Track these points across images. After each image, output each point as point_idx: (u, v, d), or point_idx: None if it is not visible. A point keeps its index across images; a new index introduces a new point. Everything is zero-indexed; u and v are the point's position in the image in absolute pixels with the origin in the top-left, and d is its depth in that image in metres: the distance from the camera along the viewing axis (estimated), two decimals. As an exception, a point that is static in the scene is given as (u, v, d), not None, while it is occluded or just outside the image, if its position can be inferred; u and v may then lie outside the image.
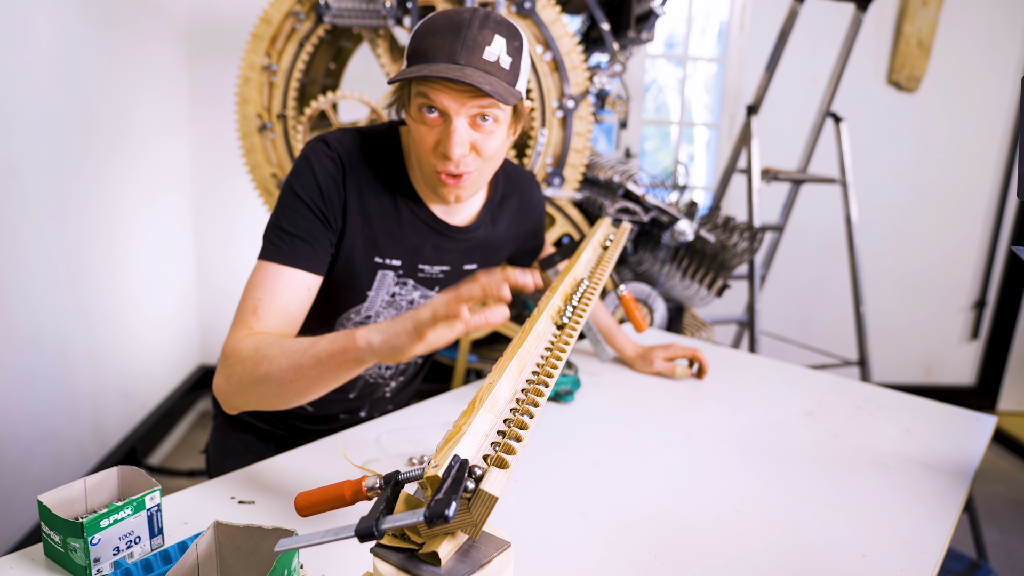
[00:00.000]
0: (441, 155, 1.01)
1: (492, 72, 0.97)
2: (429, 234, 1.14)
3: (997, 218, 3.68)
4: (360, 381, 1.26)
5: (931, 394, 1.77)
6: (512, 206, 1.26)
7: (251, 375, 0.91)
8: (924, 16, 3.37)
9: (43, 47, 2.06)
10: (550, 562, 0.87)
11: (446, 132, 0.99)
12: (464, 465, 0.57)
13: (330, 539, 0.57)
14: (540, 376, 0.76)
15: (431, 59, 0.97)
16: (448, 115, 0.98)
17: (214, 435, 1.34)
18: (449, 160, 1.00)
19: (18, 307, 2.01)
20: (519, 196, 1.27)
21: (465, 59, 0.96)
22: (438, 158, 1.01)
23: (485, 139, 1.01)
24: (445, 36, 0.97)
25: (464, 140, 0.99)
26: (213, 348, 3.37)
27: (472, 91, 0.96)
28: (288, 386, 0.88)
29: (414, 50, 1.00)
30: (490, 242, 1.23)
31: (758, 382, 1.54)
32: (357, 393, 1.28)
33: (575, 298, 0.99)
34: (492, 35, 0.98)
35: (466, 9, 0.99)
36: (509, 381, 0.73)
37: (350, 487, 0.67)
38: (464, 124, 0.99)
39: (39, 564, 0.80)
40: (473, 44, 0.96)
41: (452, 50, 0.96)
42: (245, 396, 0.93)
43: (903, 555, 0.92)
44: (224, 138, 2.99)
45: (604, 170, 2.15)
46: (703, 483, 1.09)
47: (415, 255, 1.14)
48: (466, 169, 1.02)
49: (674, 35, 3.60)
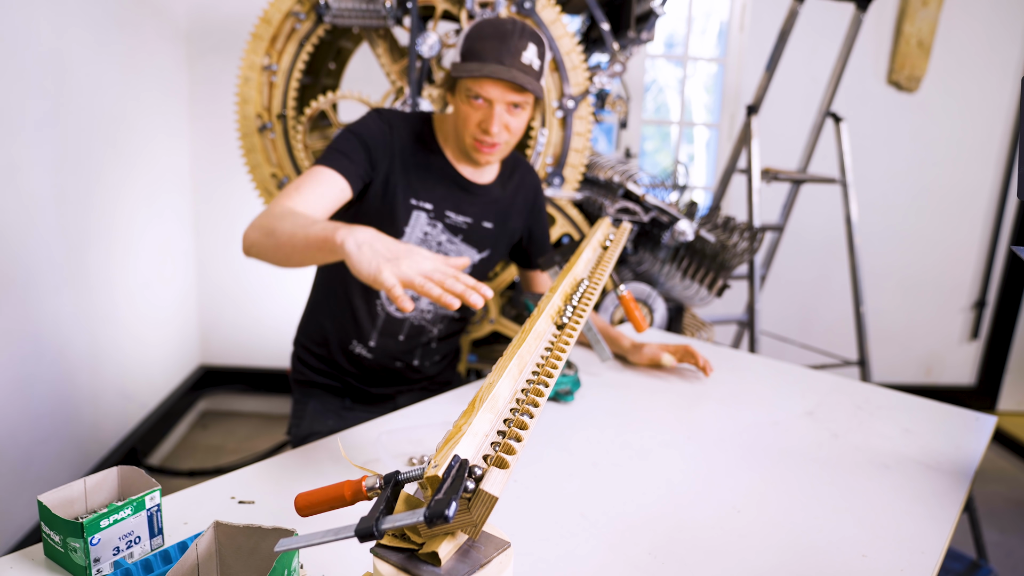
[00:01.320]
0: (482, 130, 1.36)
1: (527, 72, 1.33)
2: (455, 187, 1.46)
3: (997, 218, 3.68)
4: (407, 323, 1.51)
5: (931, 394, 1.77)
6: (516, 178, 1.58)
7: (268, 225, 1.17)
8: (924, 16, 3.37)
9: (43, 47, 2.06)
10: (550, 562, 0.87)
11: (489, 114, 1.34)
12: (464, 465, 0.57)
13: (330, 539, 0.57)
14: (540, 376, 0.76)
15: (483, 59, 1.31)
16: (491, 102, 1.34)
17: (294, 410, 1.58)
18: (489, 135, 1.36)
19: (18, 307, 2.01)
20: (520, 171, 1.60)
21: (509, 62, 1.31)
22: (480, 132, 1.37)
23: (515, 120, 1.38)
24: (494, 42, 1.31)
25: (501, 120, 1.35)
26: (213, 348, 3.37)
27: (513, 86, 1.32)
28: (283, 247, 1.13)
29: (468, 49, 1.34)
30: (502, 204, 1.53)
31: (758, 382, 1.54)
32: (405, 335, 1.53)
33: (575, 298, 0.99)
34: (528, 43, 1.33)
35: (508, 21, 1.34)
36: (509, 381, 0.73)
37: (350, 487, 0.67)
38: (502, 109, 1.35)
39: (39, 564, 0.80)
40: (515, 51, 1.31)
41: (500, 54, 1.31)
42: (260, 242, 1.18)
43: (903, 555, 0.92)
44: (224, 138, 2.99)
45: (604, 170, 2.15)
46: (703, 483, 1.09)
47: (443, 202, 1.45)
48: (499, 140, 1.38)
49: (674, 35, 3.60)
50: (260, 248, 1.19)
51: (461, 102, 1.36)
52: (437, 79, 2.05)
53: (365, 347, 1.53)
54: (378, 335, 1.52)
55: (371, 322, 1.51)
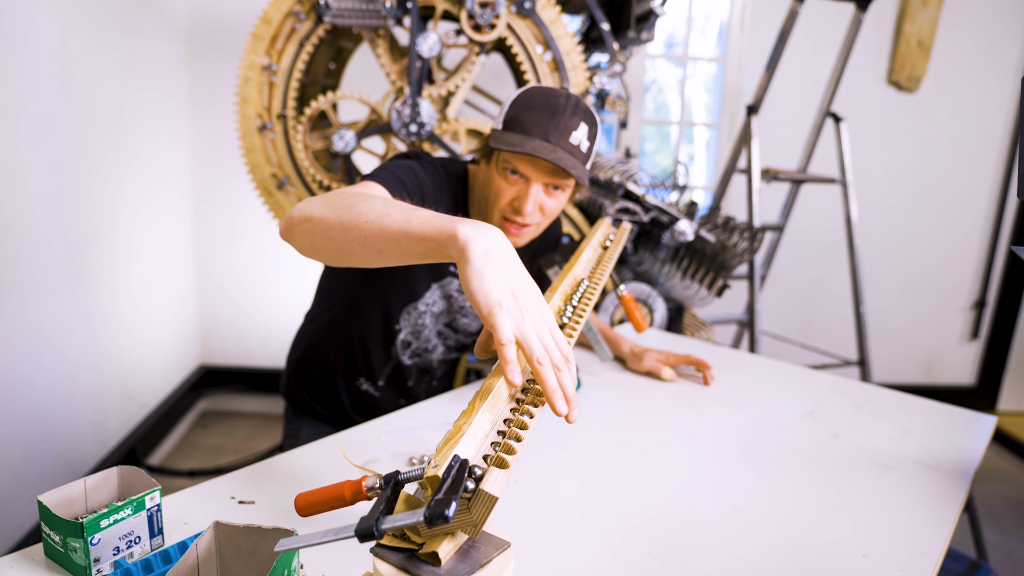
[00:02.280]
0: (514, 209, 1.23)
1: (574, 154, 1.18)
2: None
3: (997, 218, 3.68)
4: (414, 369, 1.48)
5: (931, 394, 1.77)
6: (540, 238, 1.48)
7: (339, 204, 0.86)
8: (924, 16, 3.37)
9: (44, 47, 2.06)
10: (550, 562, 0.87)
11: (524, 193, 1.21)
12: (464, 465, 0.57)
13: (330, 539, 0.57)
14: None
15: (528, 132, 1.17)
16: (529, 180, 1.20)
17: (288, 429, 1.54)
18: (521, 215, 1.22)
19: (18, 307, 2.01)
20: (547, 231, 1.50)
21: (556, 140, 1.16)
22: (510, 211, 1.23)
23: (552, 202, 1.24)
24: (543, 114, 1.17)
25: (537, 201, 1.21)
26: (213, 348, 3.37)
27: (555, 168, 1.17)
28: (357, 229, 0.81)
29: (512, 118, 1.19)
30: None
31: (758, 382, 1.54)
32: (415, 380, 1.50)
33: (575, 298, 0.99)
34: (579, 122, 1.18)
35: (562, 93, 1.20)
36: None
37: (350, 487, 0.67)
38: (539, 189, 1.21)
39: (39, 564, 0.80)
40: (564, 128, 1.17)
41: (547, 130, 1.16)
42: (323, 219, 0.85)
43: (903, 555, 0.92)
44: (224, 138, 2.99)
45: (604, 170, 2.15)
46: (703, 483, 1.09)
47: None
48: (531, 221, 1.24)
49: (674, 35, 3.60)
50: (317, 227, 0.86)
51: (496, 174, 1.23)
52: (437, 79, 2.05)
53: (373, 386, 1.48)
54: (388, 375, 1.48)
55: (383, 365, 1.46)
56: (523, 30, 1.99)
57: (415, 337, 1.44)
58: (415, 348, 1.45)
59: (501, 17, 1.95)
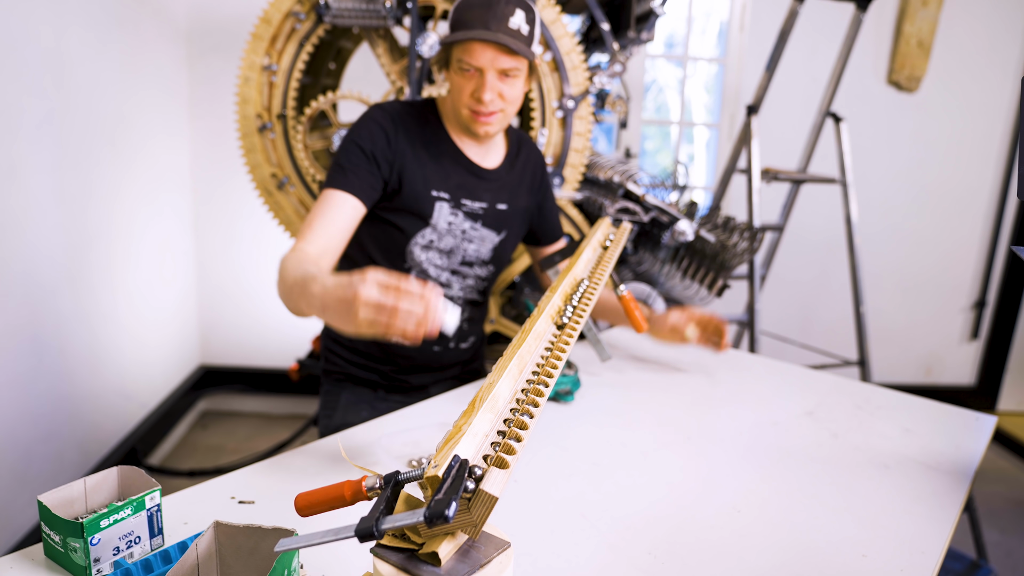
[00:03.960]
0: (476, 99, 1.35)
1: (515, 37, 1.31)
2: (467, 174, 1.47)
3: (997, 218, 3.68)
4: None
5: (931, 394, 1.77)
6: (523, 156, 1.58)
7: (281, 286, 1.16)
8: (924, 16, 3.36)
9: (43, 47, 2.06)
10: (550, 562, 0.87)
11: (480, 82, 1.33)
12: (464, 465, 0.57)
13: (330, 539, 0.57)
14: (540, 376, 0.76)
15: (469, 27, 1.30)
16: (482, 70, 1.32)
17: (324, 401, 1.59)
18: (482, 103, 1.34)
19: (18, 307, 2.00)
20: (525, 149, 1.60)
21: (496, 27, 1.29)
22: (473, 102, 1.36)
23: (509, 88, 1.36)
24: (479, 9, 1.30)
25: (494, 87, 1.33)
26: (213, 348, 3.37)
27: (501, 50, 1.30)
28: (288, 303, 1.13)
29: (455, 20, 1.33)
30: (511, 184, 1.54)
31: (758, 382, 1.54)
32: None
33: (575, 298, 0.99)
34: (514, 8, 1.31)
35: None
36: (509, 381, 0.73)
37: (350, 487, 0.67)
38: (494, 76, 1.33)
39: (39, 564, 0.80)
40: (502, 16, 1.30)
41: (486, 20, 1.30)
42: (284, 300, 1.16)
43: (903, 555, 0.92)
44: (224, 138, 2.98)
45: (604, 170, 2.15)
46: (703, 483, 1.09)
47: (459, 190, 1.45)
48: (494, 108, 1.36)
49: (674, 35, 3.60)
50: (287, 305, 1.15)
51: (454, 74, 1.36)
52: (437, 80, 2.05)
53: None
54: None
55: None
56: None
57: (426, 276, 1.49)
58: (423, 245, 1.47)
59: (501, 17, 1.95)
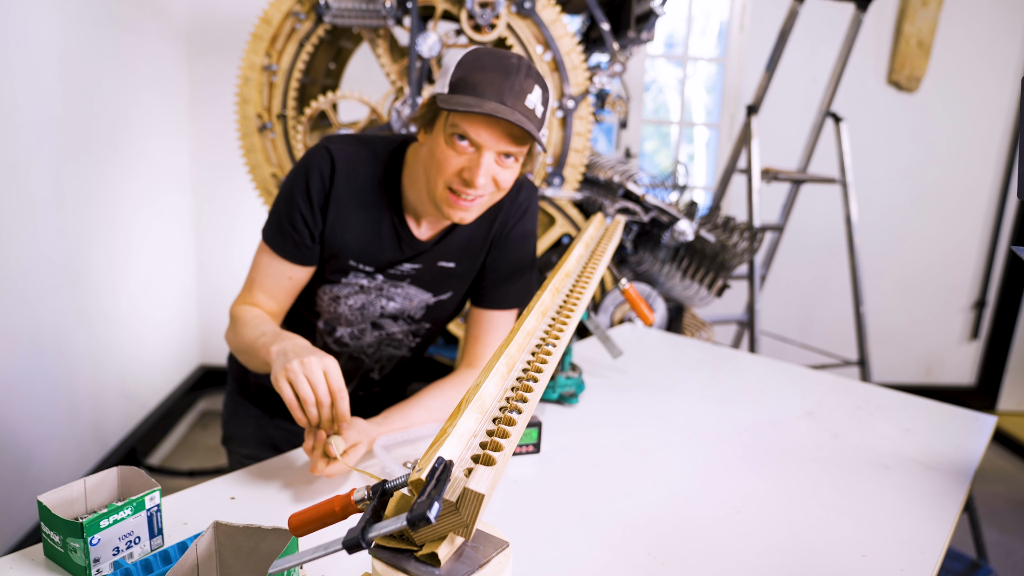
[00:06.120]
0: (464, 180, 1.09)
1: (530, 118, 1.07)
2: (404, 250, 1.24)
3: (997, 218, 3.68)
4: (343, 356, 1.37)
5: (931, 394, 1.77)
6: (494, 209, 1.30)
7: (232, 340, 1.19)
8: (924, 16, 3.36)
9: (43, 47, 2.06)
10: (550, 562, 0.87)
11: (475, 162, 1.08)
12: (448, 466, 0.57)
13: (320, 555, 0.58)
14: (529, 372, 0.76)
15: (481, 94, 1.04)
16: (480, 148, 1.07)
17: (227, 401, 1.50)
18: (472, 187, 1.09)
19: (18, 307, 2.00)
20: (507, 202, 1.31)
21: (512, 103, 1.05)
22: (459, 183, 1.10)
23: (505, 174, 1.11)
24: (496, 75, 1.05)
25: (489, 171, 1.09)
26: (213, 348, 3.37)
27: (509, 131, 1.06)
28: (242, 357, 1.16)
29: (461, 79, 1.06)
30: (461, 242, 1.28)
31: (758, 382, 1.54)
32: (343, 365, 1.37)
33: (566, 294, 0.99)
34: (533, 84, 1.07)
35: (513, 55, 1.09)
36: (497, 380, 0.73)
37: (340, 502, 0.67)
38: (492, 157, 1.08)
39: (39, 564, 0.80)
40: (520, 90, 1.06)
41: (502, 91, 1.05)
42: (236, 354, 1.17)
43: (903, 555, 0.92)
44: (224, 138, 2.99)
45: (604, 170, 2.15)
46: (703, 483, 1.09)
47: (388, 266, 1.25)
48: (481, 194, 1.12)
49: (674, 35, 3.60)
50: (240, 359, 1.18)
51: (443, 143, 1.09)
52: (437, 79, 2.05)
53: None
54: None
55: None
56: (523, 30, 1.99)
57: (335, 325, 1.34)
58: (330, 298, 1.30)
59: (501, 17, 1.95)
